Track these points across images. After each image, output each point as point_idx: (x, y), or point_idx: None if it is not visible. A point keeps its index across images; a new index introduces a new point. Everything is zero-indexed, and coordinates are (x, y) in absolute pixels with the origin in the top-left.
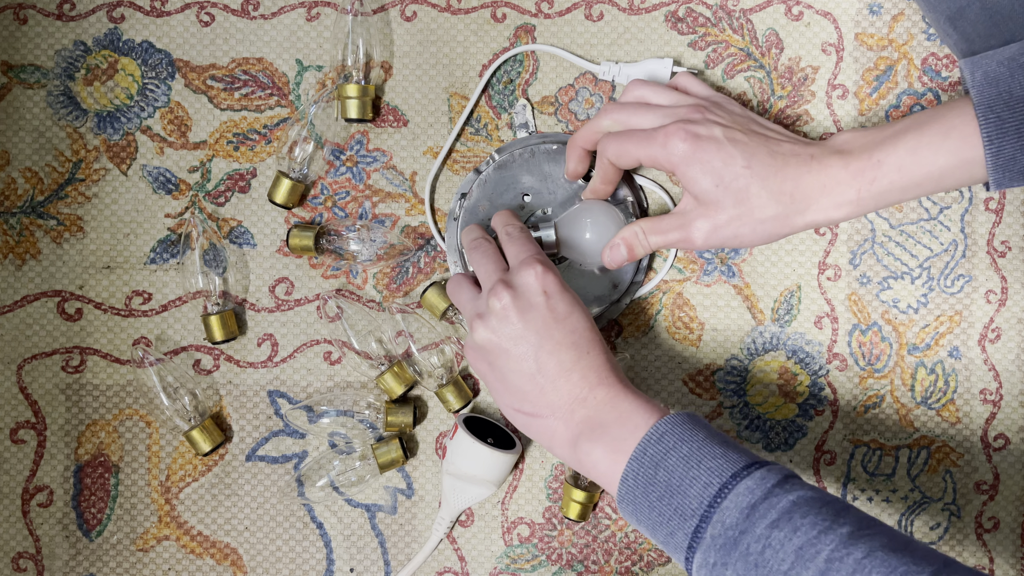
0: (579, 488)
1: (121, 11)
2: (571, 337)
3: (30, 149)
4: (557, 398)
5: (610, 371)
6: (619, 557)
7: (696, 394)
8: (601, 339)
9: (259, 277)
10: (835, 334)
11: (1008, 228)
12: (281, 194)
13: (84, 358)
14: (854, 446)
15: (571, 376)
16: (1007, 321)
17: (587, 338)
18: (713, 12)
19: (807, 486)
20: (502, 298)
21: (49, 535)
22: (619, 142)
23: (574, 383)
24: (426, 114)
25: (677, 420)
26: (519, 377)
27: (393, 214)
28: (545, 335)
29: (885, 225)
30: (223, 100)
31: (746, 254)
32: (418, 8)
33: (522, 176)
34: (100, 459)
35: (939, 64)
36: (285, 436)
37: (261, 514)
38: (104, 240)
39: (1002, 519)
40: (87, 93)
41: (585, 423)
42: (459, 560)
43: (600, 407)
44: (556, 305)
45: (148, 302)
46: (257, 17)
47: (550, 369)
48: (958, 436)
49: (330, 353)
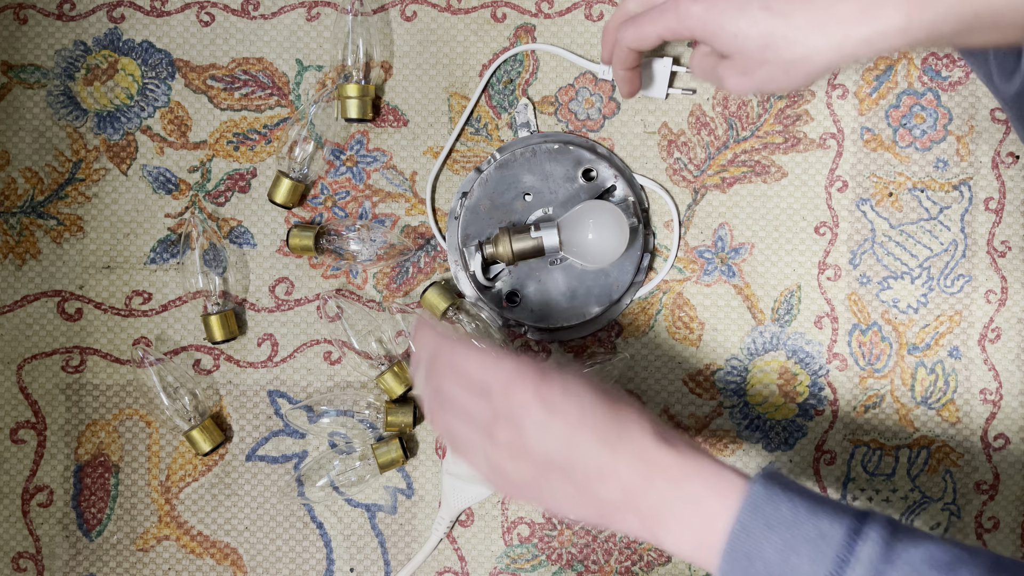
0: None
1: (121, 11)
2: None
3: (30, 149)
4: (611, 497)
5: (658, 446)
6: (619, 557)
7: (696, 394)
8: (630, 407)
9: (259, 277)
10: (835, 334)
11: (1008, 228)
12: (281, 194)
13: (84, 358)
14: (854, 446)
15: (617, 472)
16: (1007, 321)
17: (616, 421)
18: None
19: (917, 539)
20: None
21: (49, 535)
22: (636, 25)
23: (623, 479)
24: (426, 114)
25: (758, 501)
26: (566, 499)
27: (393, 214)
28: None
29: (885, 225)
30: (223, 100)
31: (746, 254)
32: (418, 8)
33: (523, 175)
34: (100, 459)
35: (939, 64)
36: (285, 436)
37: (261, 514)
38: (104, 240)
39: (1002, 519)
40: (87, 93)
41: (657, 517)
42: (459, 560)
43: (666, 497)
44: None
45: (148, 302)
46: (257, 17)
47: (591, 476)
48: (958, 436)
49: (330, 353)
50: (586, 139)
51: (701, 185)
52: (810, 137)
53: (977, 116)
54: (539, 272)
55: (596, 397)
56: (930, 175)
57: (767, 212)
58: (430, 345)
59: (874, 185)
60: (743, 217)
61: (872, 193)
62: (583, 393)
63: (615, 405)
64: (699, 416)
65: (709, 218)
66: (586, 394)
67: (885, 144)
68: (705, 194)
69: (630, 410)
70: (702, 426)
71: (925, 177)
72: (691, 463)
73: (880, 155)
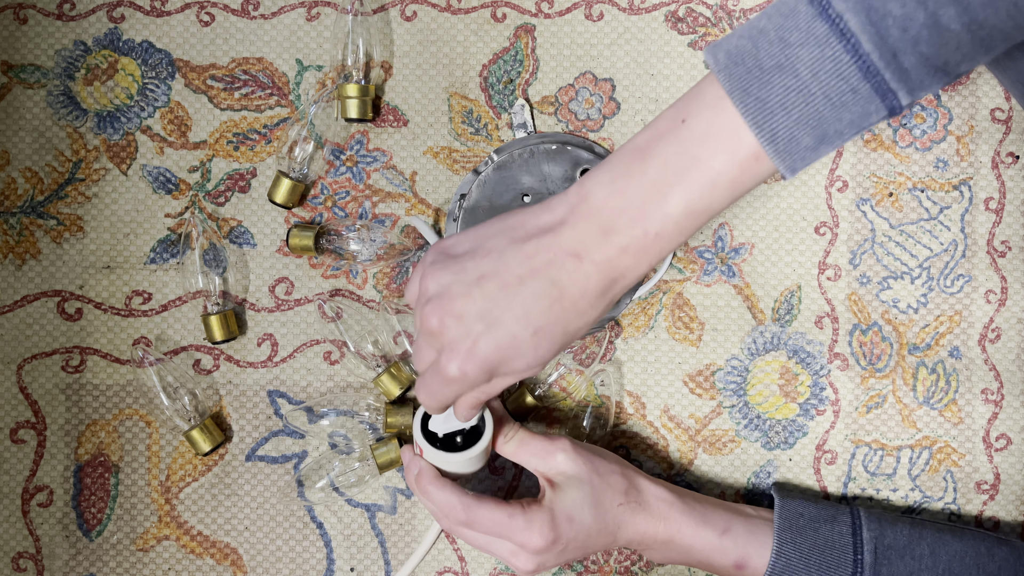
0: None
1: (121, 11)
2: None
3: (30, 149)
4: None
5: (663, 516)
6: (619, 557)
7: (696, 394)
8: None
9: (259, 277)
10: (835, 334)
11: (1008, 228)
12: (281, 194)
13: (84, 358)
14: (855, 446)
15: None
16: (1007, 321)
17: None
18: (713, 12)
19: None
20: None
21: (49, 535)
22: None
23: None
24: (426, 114)
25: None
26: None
27: (393, 214)
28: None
29: (885, 225)
30: (223, 100)
31: (746, 254)
32: (418, 8)
33: (521, 176)
34: (100, 459)
35: None
36: (285, 436)
37: (261, 514)
38: (104, 240)
39: (1002, 519)
40: (87, 93)
41: (686, 559)
42: (459, 560)
43: (686, 549)
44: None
45: (148, 302)
46: (257, 17)
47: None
48: (960, 436)
49: (330, 353)
50: (584, 139)
51: None
52: None
53: (977, 116)
54: None
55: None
56: (930, 175)
57: (767, 212)
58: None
59: (874, 185)
60: (743, 217)
61: (872, 193)
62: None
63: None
64: (699, 416)
65: None
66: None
67: (885, 144)
68: None
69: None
70: (702, 426)
71: (925, 177)
72: (696, 523)
73: (880, 155)
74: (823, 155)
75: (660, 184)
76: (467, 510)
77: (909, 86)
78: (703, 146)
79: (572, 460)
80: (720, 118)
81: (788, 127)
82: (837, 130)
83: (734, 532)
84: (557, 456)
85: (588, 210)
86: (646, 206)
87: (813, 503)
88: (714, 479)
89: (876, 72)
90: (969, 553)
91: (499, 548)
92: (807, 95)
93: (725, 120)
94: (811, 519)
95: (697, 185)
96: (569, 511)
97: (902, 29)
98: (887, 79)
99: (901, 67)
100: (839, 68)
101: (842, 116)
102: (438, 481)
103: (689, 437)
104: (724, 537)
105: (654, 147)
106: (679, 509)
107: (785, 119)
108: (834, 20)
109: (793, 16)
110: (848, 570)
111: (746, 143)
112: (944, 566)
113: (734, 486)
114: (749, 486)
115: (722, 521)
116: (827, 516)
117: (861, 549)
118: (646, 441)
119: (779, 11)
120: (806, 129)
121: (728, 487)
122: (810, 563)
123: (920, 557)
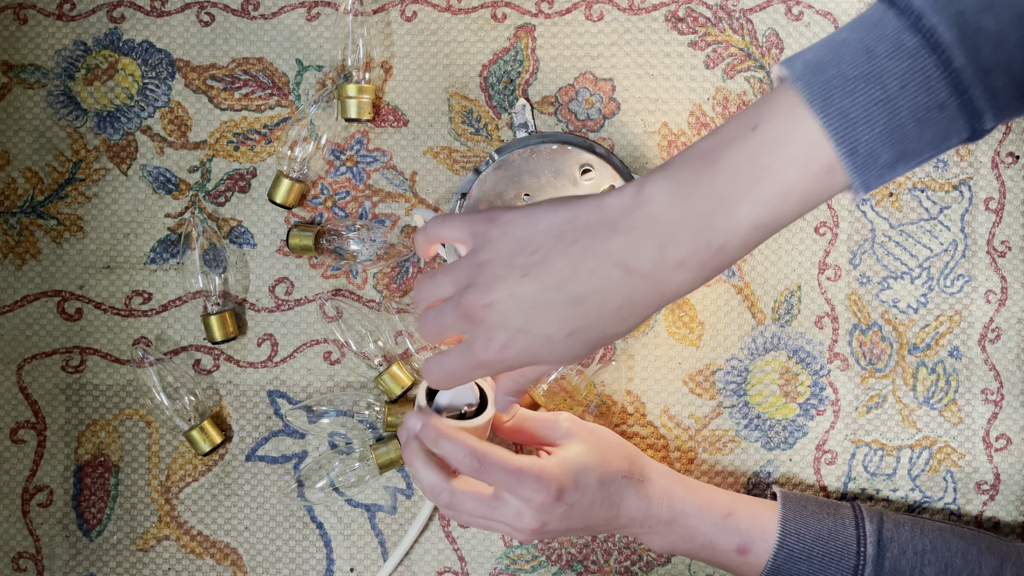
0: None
1: (121, 11)
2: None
3: (30, 149)
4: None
5: (664, 492)
6: (619, 557)
7: (696, 394)
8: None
9: (259, 277)
10: (835, 334)
11: (1008, 228)
12: (281, 194)
13: (84, 358)
14: (855, 446)
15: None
16: (1007, 321)
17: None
18: (713, 12)
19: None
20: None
21: (49, 535)
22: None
23: (635, 511)
24: (426, 114)
25: (784, 542)
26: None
27: (393, 214)
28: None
29: (885, 225)
30: (223, 100)
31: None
32: (418, 8)
33: (522, 176)
34: (100, 459)
35: None
36: (285, 436)
37: (261, 514)
38: (104, 240)
39: (1002, 519)
40: (87, 93)
41: (688, 544)
42: (459, 560)
43: (689, 532)
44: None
45: (148, 302)
46: (257, 17)
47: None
48: (960, 436)
49: (330, 353)
50: (585, 139)
51: None
52: None
53: None
54: None
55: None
56: (930, 175)
57: None
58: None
59: None
60: None
61: (872, 193)
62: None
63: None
64: (699, 416)
65: None
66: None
67: None
68: None
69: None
70: (702, 426)
71: (925, 177)
72: (696, 508)
73: None
74: (897, 175)
75: (728, 194)
76: (479, 457)
77: (996, 108)
78: (775, 155)
79: (576, 428)
80: (795, 127)
81: (870, 140)
82: (916, 149)
83: (737, 516)
84: (562, 424)
85: (645, 217)
86: (712, 217)
87: (815, 497)
88: (714, 479)
89: (965, 89)
90: (971, 550)
91: (502, 512)
92: (893, 108)
93: (801, 129)
94: (814, 510)
95: (768, 196)
96: (576, 473)
97: (995, 46)
98: (974, 98)
99: (991, 86)
100: (928, 82)
101: (924, 133)
102: (449, 431)
103: (689, 437)
104: (727, 520)
105: (722, 153)
106: (683, 488)
107: (868, 132)
108: (926, 33)
109: (880, 27)
110: (851, 561)
111: (822, 154)
112: (946, 561)
113: (734, 486)
114: (749, 486)
115: (725, 505)
116: (830, 509)
117: (864, 541)
118: (646, 441)
119: (863, 24)
120: (887, 144)
121: (728, 487)
122: (813, 553)
123: (922, 552)
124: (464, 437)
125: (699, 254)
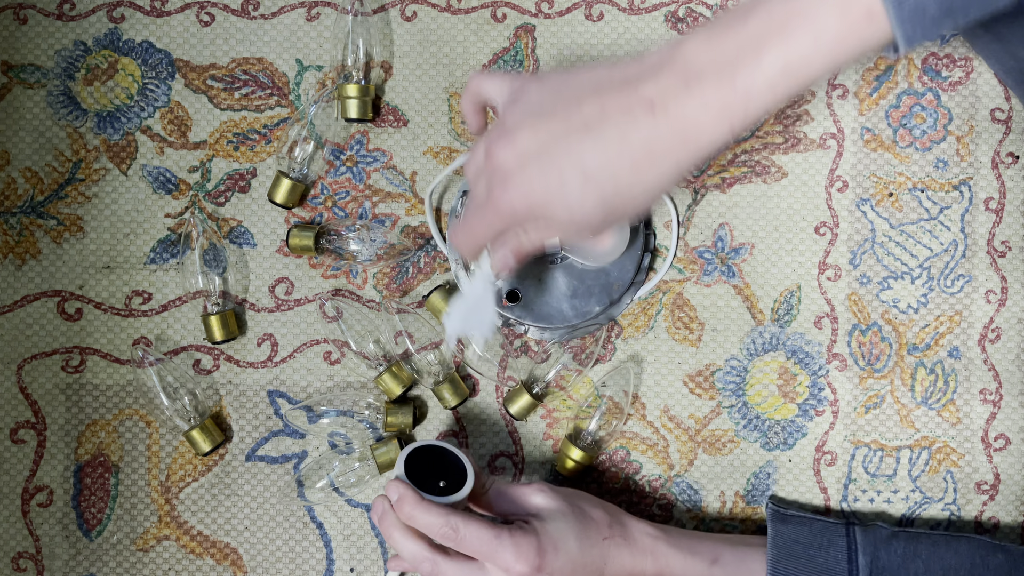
0: (577, 447)
1: (121, 11)
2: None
3: (30, 149)
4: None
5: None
6: None
7: (696, 394)
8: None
9: (259, 277)
10: (835, 334)
11: (1008, 228)
12: (281, 194)
13: (84, 358)
14: (855, 447)
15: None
16: (1007, 321)
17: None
18: (713, 12)
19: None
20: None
21: (49, 535)
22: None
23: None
24: (426, 114)
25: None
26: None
27: (393, 214)
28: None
29: (885, 225)
30: (223, 100)
31: (746, 254)
32: (418, 8)
33: None
34: (100, 459)
35: (939, 64)
36: (285, 436)
37: (261, 514)
38: (104, 240)
39: (1002, 519)
40: (87, 93)
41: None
42: None
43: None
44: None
45: (148, 302)
46: (257, 17)
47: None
48: (959, 436)
49: (330, 353)
50: None
51: (701, 185)
52: (810, 137)
53: (977, 116)
54: (539, 271)
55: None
56: (930, 175)
57: (767, 212)
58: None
59: (874, 185)
60: (743, 217)
61: (872, 193)
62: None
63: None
64: (699, 416)
65: (709, 218)
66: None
67: (885, 144)
68: (705, 194)
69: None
70: (702, 426)
71: (925, 177)
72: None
73: (880, 155)
74: (942, 31)
75: (758, 37)
76: (454, 528)
77: None
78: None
79: (551, 498)
80: None
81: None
82: (964, 3)
83: (723, 562)
84: (535, 497)
85: (675, 61)
86: (739, 58)
87: (807, 526)
88: (714, 479)
89: None
90: (964, 565)
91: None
92: None
93: None
94: (806, 546)
95: (797, 39)
96: (555, 539)
97: None
98: None
99: None
100: None
101: None
102: (423, 504)
103: (689, 437)
104: (714, 567)
105: (760, 4)
106: (665, 542)
107: None
108: None
109: None
110: None
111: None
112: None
113: (734, 486)
114: (748, 486)
115: (710, 552)
116: (822, 542)
117: (856, 575)
118: (646, 441)
119: None
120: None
121: (728, 487)
122: None
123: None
124: (439, 509)
125: (723, 96)
